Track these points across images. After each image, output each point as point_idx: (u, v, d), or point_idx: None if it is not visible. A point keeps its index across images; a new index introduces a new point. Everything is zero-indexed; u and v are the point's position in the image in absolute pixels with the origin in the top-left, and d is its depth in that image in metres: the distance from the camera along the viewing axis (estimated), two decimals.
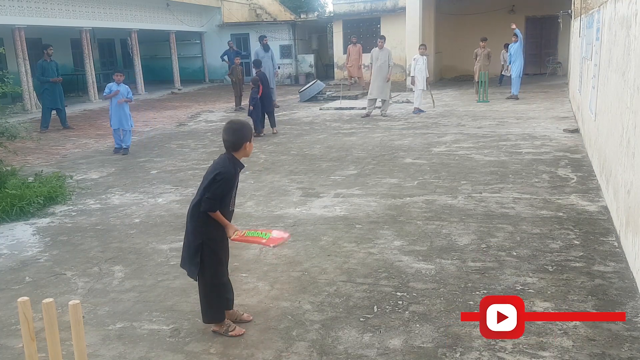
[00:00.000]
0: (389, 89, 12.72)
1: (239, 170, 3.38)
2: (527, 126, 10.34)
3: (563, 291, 3.72)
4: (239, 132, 3.33)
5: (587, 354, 2.99)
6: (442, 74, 22.15)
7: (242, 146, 3.33)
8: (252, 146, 3.43)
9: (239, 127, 3.37)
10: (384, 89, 12.50)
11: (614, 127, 5.09)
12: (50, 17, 16.19)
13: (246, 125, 3.42)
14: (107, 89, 9.35)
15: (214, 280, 3.34)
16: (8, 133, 6.90)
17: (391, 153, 8.54)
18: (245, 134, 3.34)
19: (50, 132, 12.27)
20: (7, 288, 4.24)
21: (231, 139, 3.32)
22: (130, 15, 19.62)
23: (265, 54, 14.86)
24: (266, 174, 7.55)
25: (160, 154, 9.48)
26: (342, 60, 21.70)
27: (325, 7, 36.02)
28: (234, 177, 3.32)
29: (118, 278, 4.33)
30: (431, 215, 5.46)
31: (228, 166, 3.28)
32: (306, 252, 4.67)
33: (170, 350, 3.26)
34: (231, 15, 25.01)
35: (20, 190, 6.26)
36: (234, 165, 3.32)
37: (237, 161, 3.35)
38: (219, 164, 3.31)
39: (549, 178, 6.61)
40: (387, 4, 21.36)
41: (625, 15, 4.61)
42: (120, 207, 6.33)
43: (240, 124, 3.41)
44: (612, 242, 4.55)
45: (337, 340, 3.26)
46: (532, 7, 20.49)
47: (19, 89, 8.35)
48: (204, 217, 3.27)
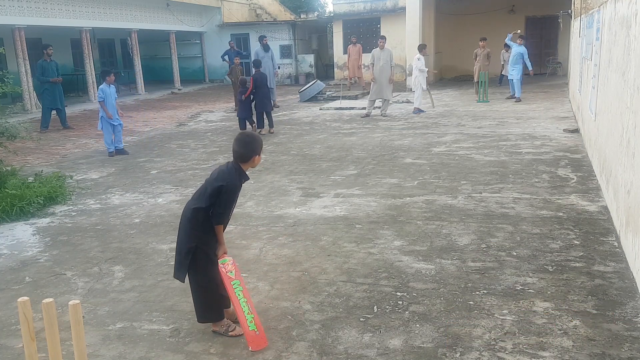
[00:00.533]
0: (390, 89, 12.71)
1: (243, 182, 3.36)
2: (527, 126, 10.34)
3: (563, 291, 3.72)
4: (250, 145, 3.32)
5: (587, 354, 2.99)
6: (442, 74, 22.14)
7: (251, 159, 3.33)
8: (260, 159, 3.41)
9: (251, 140, 3.35)
10: (386, 89, 12.49)
11: (614, 127, 5.09)
12: (50, 17, 16.20)
13: (258, 139, 3.40)
14: (100, 92, 9.23)
15: (208, 282, 3.34)
16: (8, 133, 6.90)
17: (391, 153, 8.54)
18: (256, 148, 3.33)
19: (50, 132, 12.27)
20: (7, 288, 4.24)
21: (241, 150, 3.31)
22: (130, 15, 19.62)
23: (265, 54, 14.84)
24: (266, 174, 7.55)
25: (160, 154, 9.48)
26: (342, 60, 21.72)
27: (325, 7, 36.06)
28: (239, 188, 3.32)
29: (118, 278, 4.33)
30: (431, 215, 5.46)
31: (234, 178, 3.27)
32: (306, 252, 4.67)
33: (170, 350, 3.26)
34: (231, 15, 25.01)
35: (20, 190, 6.27)
36: (239, 177, 3.31)
37: (243, 173, 3.34)
38: (225, 174, 3.28)
39: (549, 178, 6.61)
40: (387, 4, 21.36)
41: (625, 15, 4.61)
42: (120, 207, 6.33)
43: (252, 137, 3.40)
44: (612, 242, 4.55)
45: (337, 340, 3.26)
46: (532, 7, 20.49)
47: (19, 89, 8.34)
48: (203, 224, 3.27)
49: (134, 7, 19.67)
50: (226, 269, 3.29)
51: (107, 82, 9.32)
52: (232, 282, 3.27)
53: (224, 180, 3.24)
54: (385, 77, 12.43)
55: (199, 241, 3.28)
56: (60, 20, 16.62)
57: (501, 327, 3.31)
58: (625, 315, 3.37)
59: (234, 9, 25.36)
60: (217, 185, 3.22)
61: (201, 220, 3.28)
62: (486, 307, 3.55)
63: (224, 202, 3.22)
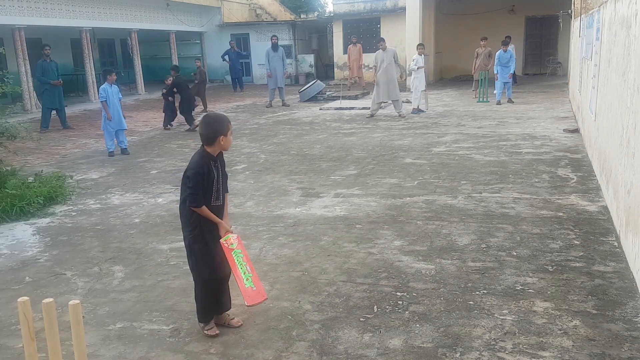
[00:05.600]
0: (398, 88, 12.55)
1: (212, 164, 3.29)
2: (527, 126, 10.34)
3: (563, 291, 3.72)
4: (212, 125, 3.27)
5: (587, 354, 2.99)
6: (442, 74, 22.15)
7: (216, 140, 3.27)
8: (229, 140, 3.32)
9: (213, 121, 3.30)
10: (394, 89, 12.39)
11: (614, 127, 5.09)
12: (50, 17, 16.20)
13: (221, 119, 3.32)
14: (102, 92, 9.17)
15: (200, 277, 3.35)
16: (8, 133, 6.90)
17: (391, 153, 8.54)
18: (219, 128, 3.25)
19: (50, 132, 12.27)
20: (7, 288, 4.24)
21: (205, 132, 3.29)
22: (130, 15, 19.62)
23: (275, 53, 14.94)
24: (266, 174, 7.55)
25: (160, 154, 9.48)
26: (342, 60, 21.72)
27: (325, 7, 36.00)
28: (207, 171, 3.26)
29: (118, 278, 4.33)
30: (431, 215, 5.46)
31: (198, 162, 3.26)
32: (306, 252, 4.67)
33: (170, 350, 3.26)
34: (231, 15, 25.01)
35: (20, 190, 6.26)
36: (204, 158, 3.27)
37: (209, 154, 3.29)
38: (191, 162, 3.31)
39: (549, 178, 6.61)
40: (387, 4, 21.36)
41: (625, 15, 4.61)
42: (120, 207, 6.33)
43: (215, 118, 3.32)
44: (612, 242, 4.55)
45: (337, 340, 3.26)
46: (532, 7, 20.49)
47: (19, 89, 8.34)
48: (189, 214, 3.28)
49: (134, 7, 19.67)
50: (228, 243, 3.31)
51: (109, 81, 9.30)
52: (233, 252, 3.30)
53: (188, 168, 3.27)
54: (391, 77, 12.33)
55: (190, 239, 3.32)
56: (60, 20, 16.62)
57: (501, 327, 3.31)
58: (625, 315, 3.37)
59: (234, 9, 25.36)
60: (185, 175, 3.27)
61: (187, 214, 3.29)
62: (486, 307, 3.55)
63: (190, 184, 3.21)
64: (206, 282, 3.36)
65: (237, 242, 3.35)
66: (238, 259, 3.30)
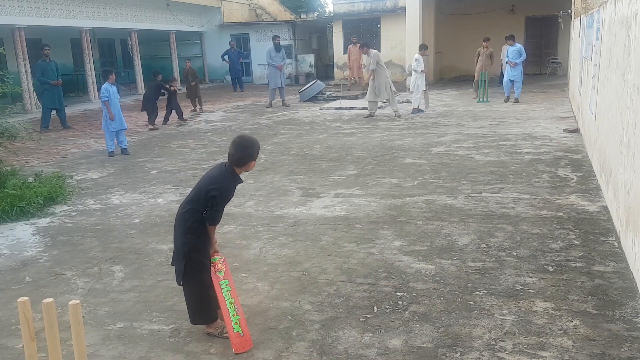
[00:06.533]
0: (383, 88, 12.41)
1: (237, 184, 3.32)
2: (527, 126, 10.34)
3: (563, 291, 3.72)
4: (248, 149, 3.25)
5: (587, 354, 2.99)
6: (442, 74, 22.14)
7: (247, 164, 3.27)
8: (254, 165, 3.34)
9: (249, 144, 3.27)
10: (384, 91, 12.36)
11: (614, 127, 5.09)
12: (50, 17, 16.19)
13: (256, 144, 3.32)
14: (104, 91, 9.13)
15: (200, 287, 3.32)
16: (8, 133, 6.90)
17: (391, 153, 8.54)
18: (253, 153, 3.26)
19: (50, 132, 12.27)
20: (7, 288, 4.24)
21: (238, 154, 3.24)
22: (130, 15, 19.61)
23: (277, 53, 15.26)
24: (266, 174, 7.55)
25: (160, 154, 9.48)
26: (342, 60, 21.72)
27: (325, 7, 36.02)
28: (232, 191, 3.28)
29: (118, 278, 4.33)
30: (431, 215, 5.46)
31: (227, 182, 3.23)
32: (306, 252, 4.67)
33: (170, 350, 3.26)
34: (231, 15, 25.01)
35: (20, 190, 6.26)
36: (233, 180, 3.27)
37: (236, 176, 3.29)
38: (217, 178, 3.24)
39: (549, 178, 6.61)
40: (387, 4, 21.36)
41: (625, 15, 4.61)
42: (120, 207, 6.33)
43: (251, 142, 3.30)
44: (612, 242, 4.55)
45: (337, 340, 3.26)
46: (532, 7, 20.48)
47: (19, 89, 8.33)
48: (194, 227, 3.25)
49: (134, 7, 19.67)
50: (215, 268, 3.29)
51: (110, 81, 9.31)
52: (220, 282, 3.27)
53: (217, 184, 3.20)
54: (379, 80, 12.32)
55: (191, 247, 3.26)
56: (60, 20, 16.62)
57: (501, 327, 3.31)
58: (625, 315, 3.37)
59: (234, 9, 25.36)
60: (211, 191, 3.18)
61: (194, 222, 3.24)
62: (486, 307, 3.55)
63: (216, 206, 3.20)
64: (204, 282, 3.34)
65: (224, 267, 3.32)
66: (225, 292, 3.25)
